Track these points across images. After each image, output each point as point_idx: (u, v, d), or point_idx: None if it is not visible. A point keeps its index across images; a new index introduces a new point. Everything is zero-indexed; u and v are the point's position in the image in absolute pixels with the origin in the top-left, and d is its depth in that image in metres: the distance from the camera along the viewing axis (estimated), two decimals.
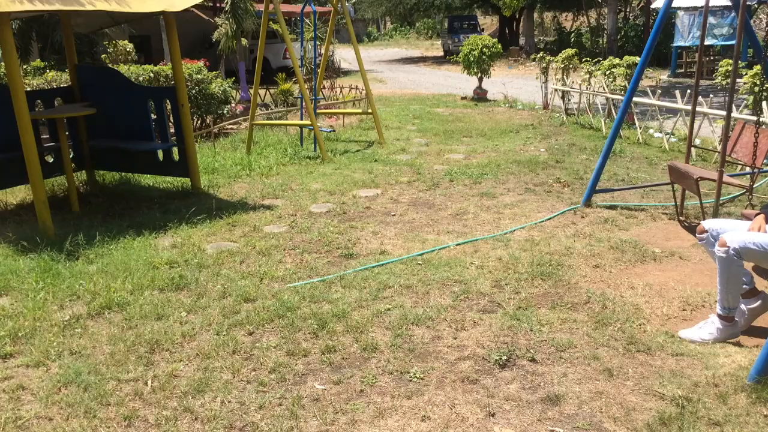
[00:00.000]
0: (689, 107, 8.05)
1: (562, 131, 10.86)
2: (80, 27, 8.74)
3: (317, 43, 13.68)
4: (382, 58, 36.38)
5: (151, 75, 10.53)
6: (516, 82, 19.96)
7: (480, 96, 15.66)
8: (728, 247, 3.52)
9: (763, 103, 7.50)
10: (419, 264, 4.97)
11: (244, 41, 16.22)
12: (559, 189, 7.14)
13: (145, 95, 7.21)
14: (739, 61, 9.93)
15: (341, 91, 15.06)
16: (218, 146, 9.77)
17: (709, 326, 3.68)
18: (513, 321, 3.97)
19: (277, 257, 5.17)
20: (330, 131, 10.41)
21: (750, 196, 5.07)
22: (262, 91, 14.13)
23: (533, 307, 4.17)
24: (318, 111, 10.65)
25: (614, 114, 9.79)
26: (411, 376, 3.38)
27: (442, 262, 5.00)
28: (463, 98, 16.02)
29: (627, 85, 9.90)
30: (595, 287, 4.47)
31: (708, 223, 3.91)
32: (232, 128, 11.62)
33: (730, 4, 5.25)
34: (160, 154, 7.33)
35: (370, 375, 3.40)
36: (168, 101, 7.11)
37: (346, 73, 24.89)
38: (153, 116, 7.23)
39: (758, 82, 7.31)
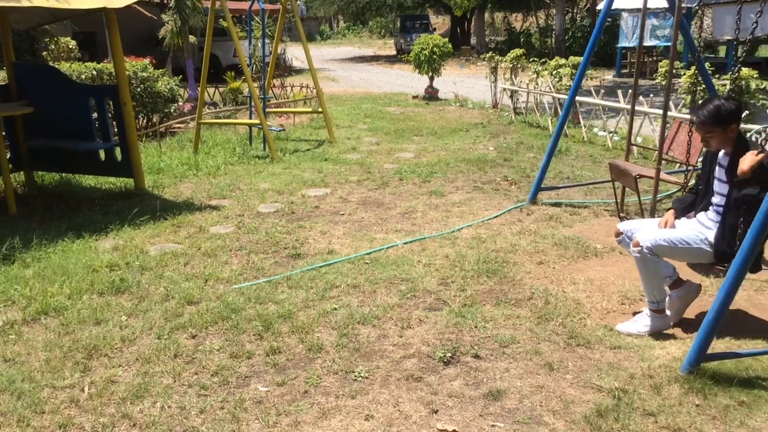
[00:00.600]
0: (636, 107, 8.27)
1: (511, 130, 11.02)
2: (18, 24, 8.43)
3: (267, 41, 13.54)
4: (335, 56, 36.28)
5: (94, 73, 10.25)
6: (467, 81, 20.16)
7: (431, 95, 15.76)
8: (641, 246, 3.67)
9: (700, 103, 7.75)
10: (367, 263, 4.97)
11: (192, 38, 15.94)
12: (507, 187, 7.24)
13: (86, 94, 7.01)
14: (679, 62, 10.19)
15: (292, 90, 14.95)
16: (164, 146, 9.58)
17: (643, 319, 3.80)
18: (458, 318, 4.00)
19: (223, 258, 5.10)
20: (280, 130, 10.32)
21: (684, 193, 5.23)
22: (211, 90, 13.93)
23: (478, 304, 4.22)
24: (268, 110, 10.56)
25: (560, 113, 9.98)
26: (356, 376, 3.38)
27: (389, 260, 5.01)
28: (414, 97, 16.10)
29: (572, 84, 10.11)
30: (539, 283, 4.55)
31: (623, 225, 4.07)
32: (179, 127, 11.41)
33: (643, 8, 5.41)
34: (102, 154, 7.15)
35: (315, 375, 3.38)
36: (110, 100, 6.93)
37: (299, 71, 24.72)
38: (96, 115, 7.03)
39: (695, 82, 7.54)
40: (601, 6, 24.30)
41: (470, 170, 8.03)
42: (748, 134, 6.62)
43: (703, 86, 6.25)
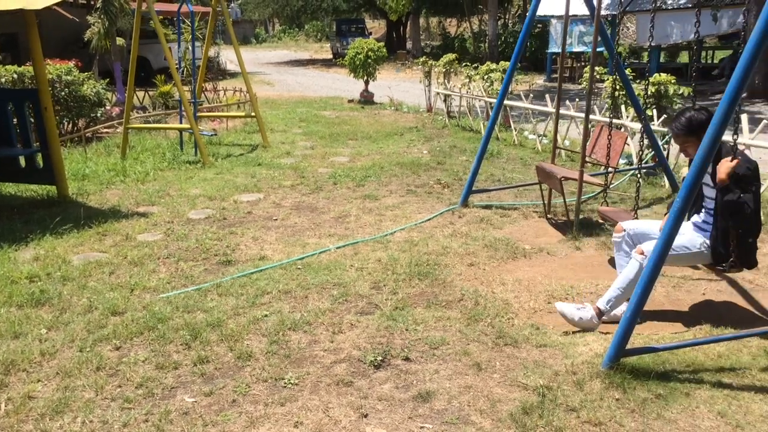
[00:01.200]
0: (561, 111, 8.51)
1: (445, 133, 11.17)
2: None
3: (198, 44, 13.30)
4: (271, 60, 35.95)
5: (15, 76, 9.83)
6: (403, 86, 20.33)
7: (367, 99, 15.82)
8: (645, 256, 3.69)
9: (622, 107, 8.06)
10: (299, 268, 4.94)
11: (120, 41, 15.49)
12: (439, 190, 7.34)
13: (4, 98, 6.72)
14: (603, 67, 10.56)
15: (225, 94, 14.72)
16: (90, 151, 9.27)
17: (585, 312, 3.90)
18: (389, 321, 4.02)
19: (150, 267, 4.97)
20: (211, 135, 10.15)
21: (605, 194, 5.44)
22: (140, 93, 13.58)
23: (410, 306, 4.26)
24: (199, 114, 10.37)
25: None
26: (285, 383, 3.35)
27: (322, 265, 4.99)
28: (350, 101, 16.12)
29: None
30: (469, 285, 4.62)
31: (626, 224, 4.15)
32: (106, 132, 11.05)
33: (577, 14, 5.60)
34: (22, 161, 6.86)
35: (244, 384, 3.34)
36: (30, 104, 6.66)
37: (233, 75, 24.38)
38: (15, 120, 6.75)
39: (618, 87, 7.83)
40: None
41: (404, 174, 8.09)
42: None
43: (624, 91, 6.49)
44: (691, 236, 3.87)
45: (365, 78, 15.69)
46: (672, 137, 4.11)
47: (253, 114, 10.22)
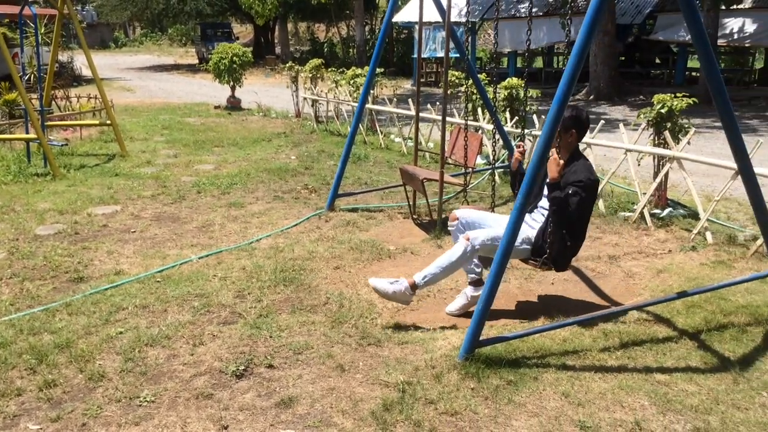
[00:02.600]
0: (422, 114, 8.78)
1: (313, 138, 11.18)
2: None
3: (46, 49, 12.44)
4: (132, 65, 34.31)
5: None
6: (272, 91, 20.13)
7: (234, 105, 15.52)
8: (469, 242, 3.92)
9: (479, 110, 8.45)
10: (158, 281, 4.76)
11: None
12: (307, 195, 7.33)
13: None
14: (462, 72, 10.99)
15: (78, 101, 13.86)
16: None
17: (397, 285, 4.01)
18: (253, 330, 3.97)
19: None
20: (62, 145, 9.51)
21: (465, 194, 5.68)
22: None
23: (274, 313, 4.22)
24: (49, 123, 9.70)
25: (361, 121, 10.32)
26: (141, 401, 3.21)
27: (183, 277, 4.83)
28: (216, 107, 15.73)
29: (368, 94, 10.52)
30: (334, 288, 4.65)
31: (460, 212, 4.30)
32: None
33: (436, 21, 5.81)
34: None
35: (95, 406, 3.16)
36: None
37: (90, 81, 23.01)
38: None
39: (473, 91, 8.20)
40: (396, 18, 25.61)
41: (271, 180, 8.01)
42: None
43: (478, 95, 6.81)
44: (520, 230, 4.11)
45: (231, 83, 15.39)
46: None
47: (109, 122, 9.70)
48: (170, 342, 3.83)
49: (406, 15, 25.00)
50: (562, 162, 3.75)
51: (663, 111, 5.91)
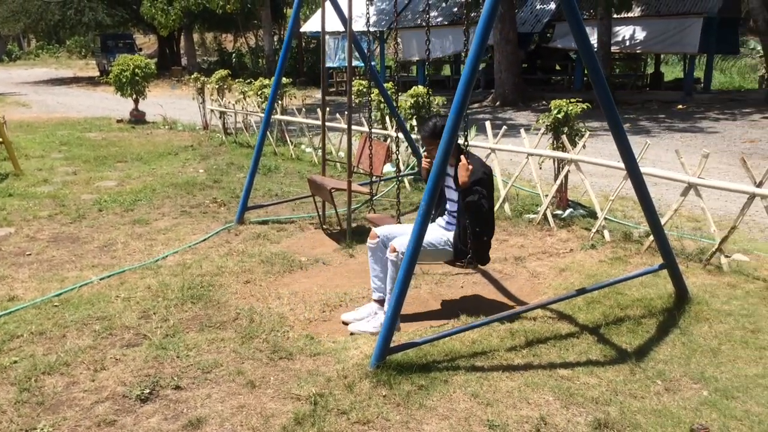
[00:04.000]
0: (330, 124, 8.80)
1: (222, 151, 10.96)
2: None
3: None
4: (27, 79, 32.58)
5: None
6: (179, 103, 19.61)
7: (137, 118, 15.00)
8: (397, 252, 3.94)
9: (386, 117, 8.55)
10: (56, 306, 4.52)
11: None
12: (216, 209, 7.18)
13: None
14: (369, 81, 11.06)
15: None
16: None
17: (374, 320, 4.06)
18: (159, 351, 3.83)
19: None
20: None
21: (372, 202, 5.72)
22: None
23: (181, 332, 4.09)
24: None
25: (271, 132, 10.21)
26: None
27: (83, 300, 4.61)
28: (119, 121, 15.16)
29: (277, 104, 10.43)
30: (245, 302, 4.57)
31: (380, 230, 4.31)
32: None
33: (344, 30, 5.83)
34: None
35: None
36: None
37: None
38: None
39: (380, 99, 8.30)
40: (305, 28, 25.57)
41: (178, 195, 7.79)
42: None
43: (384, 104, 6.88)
44: (436, 234, 4.18)
45: (134, 96, 14.87)
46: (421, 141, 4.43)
47: (0, 139, 9.15)
48: (69, 369, 3.64)
49: (314, 25, 25.00)
50: (471, 167, 3.84)
51: (560, 116, 6.17)
